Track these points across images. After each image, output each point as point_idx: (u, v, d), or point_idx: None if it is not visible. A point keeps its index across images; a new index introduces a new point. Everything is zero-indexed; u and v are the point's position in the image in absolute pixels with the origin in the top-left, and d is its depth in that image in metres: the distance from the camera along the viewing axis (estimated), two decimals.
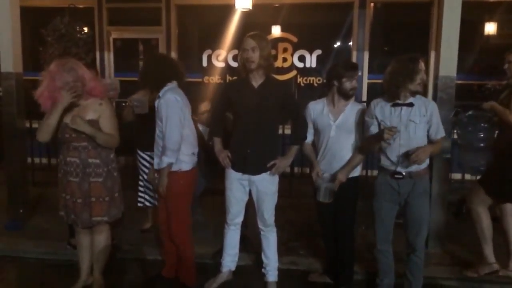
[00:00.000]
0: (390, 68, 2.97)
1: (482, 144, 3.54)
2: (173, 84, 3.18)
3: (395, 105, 2.95)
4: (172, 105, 3.07)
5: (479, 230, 3.52)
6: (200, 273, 3.48)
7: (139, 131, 4.07)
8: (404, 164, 2.95)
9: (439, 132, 2.98)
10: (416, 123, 2.91)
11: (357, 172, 3.28)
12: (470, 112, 3.61)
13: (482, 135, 3.55)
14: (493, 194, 3.45)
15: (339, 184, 3.13)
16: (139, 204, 4.23)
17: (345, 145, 3.21)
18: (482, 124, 3.55)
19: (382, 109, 3.00)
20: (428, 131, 2.97)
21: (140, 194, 4.21)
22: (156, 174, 3.23)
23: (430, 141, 2.98)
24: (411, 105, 2.91)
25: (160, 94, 3.13)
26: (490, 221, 3.51)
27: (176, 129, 3.07)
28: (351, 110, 3.22)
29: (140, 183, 4.20)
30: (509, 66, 3.49)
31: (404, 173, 2.96)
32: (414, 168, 2.95)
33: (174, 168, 3.15)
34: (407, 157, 2.89)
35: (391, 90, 2.94)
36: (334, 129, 3.21)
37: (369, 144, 3.06)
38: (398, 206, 3.08)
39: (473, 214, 3.53)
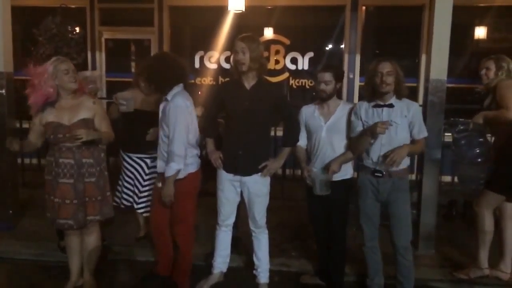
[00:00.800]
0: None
1: (480, 159, 3.49)
2: (179, 87, 3.12)
3: (376, 106, 3.05)
4: (182, 111, 3.02)
5: (480, 234, 3.50)
6: (191, 275, 3.47)
7: (123, 131, 3.95)
8: (384, 164, 3.01)
9: (422, 133, 3.07)
10: (398, 124, 2.99)
11: (348, 174, 3.30)
12: (461, 127, 3.57)
13: (478, 150, 3.49)
14: (507, 192, 3.42)
15: (333, 173, 3.14)
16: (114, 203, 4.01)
17: (337, 147, 3.23)
18: (478, 139, 3.50)
19: (366, 110, 3.10)
20: (411, 132, 3.05)
21: (122, 195, 4.04)
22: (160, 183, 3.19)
23: (412, 141, 3.07)
24: (391, 106, 3.00)
25: (169, 97, 3.07)
26: (493, 227, 3.49)
27: (184, 135, 3.04)
28: (341, 111, 3.24)
29: (120, 182, 4.05)
30: (487, 73, 3.53)
31: (384, 172, 3.02)
32: (393, 167, 3.01)
33: (182, 174, 3.11)
34: (385, 158, 2.97)
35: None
36: (325, 130, 3.23)
37: (360, 140, 3.08)
38: (379, 203, 3.13)
39: (478, 217, 3.49)
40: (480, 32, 6.81)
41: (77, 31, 6.57)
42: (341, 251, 3.35)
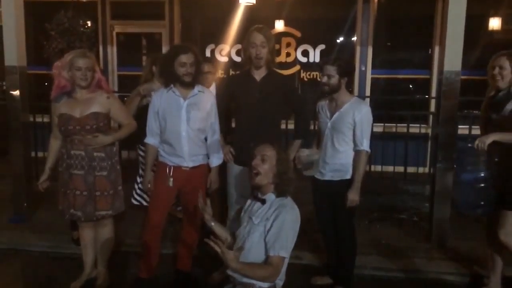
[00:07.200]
0: None
1: (482, 184, 3.10)
2: None
3: None
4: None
5: None
6: (203, 266, 3.51)
7: (140, 125, 3.91)
8: None
9: None
10: None
11: (349, 174, 3.15)
12: (469, 145, 3.14)
13: (483, 174, 3.09)
14: None
15: (351, 203, 3.07)
16: (135, 202, 4.09)
17: (338, 146, 3.12)
18: (483, 159, 3.08)
19: None
20: None
21: (138, 192, 4.09)
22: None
23: None
24: None
25: (199, 89, 3.14)
26: None
27: None
28: (348, 108, 3.09)
29: (138, 179, 4.06)
30: (501, 72, 3.04)
31: None
32: None
33: (205, 161, 3.24)
34: None
35: None
36: (329, 126, 3.16)
37: None
38: None
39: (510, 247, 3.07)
40: (495, 23, 6.70)
41: (89, 25, 6.61)
42: (349, 248, 3.29)
